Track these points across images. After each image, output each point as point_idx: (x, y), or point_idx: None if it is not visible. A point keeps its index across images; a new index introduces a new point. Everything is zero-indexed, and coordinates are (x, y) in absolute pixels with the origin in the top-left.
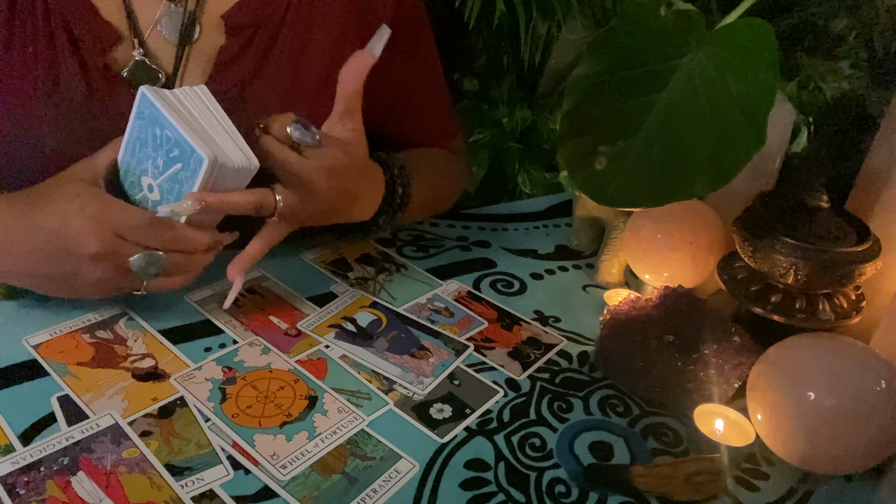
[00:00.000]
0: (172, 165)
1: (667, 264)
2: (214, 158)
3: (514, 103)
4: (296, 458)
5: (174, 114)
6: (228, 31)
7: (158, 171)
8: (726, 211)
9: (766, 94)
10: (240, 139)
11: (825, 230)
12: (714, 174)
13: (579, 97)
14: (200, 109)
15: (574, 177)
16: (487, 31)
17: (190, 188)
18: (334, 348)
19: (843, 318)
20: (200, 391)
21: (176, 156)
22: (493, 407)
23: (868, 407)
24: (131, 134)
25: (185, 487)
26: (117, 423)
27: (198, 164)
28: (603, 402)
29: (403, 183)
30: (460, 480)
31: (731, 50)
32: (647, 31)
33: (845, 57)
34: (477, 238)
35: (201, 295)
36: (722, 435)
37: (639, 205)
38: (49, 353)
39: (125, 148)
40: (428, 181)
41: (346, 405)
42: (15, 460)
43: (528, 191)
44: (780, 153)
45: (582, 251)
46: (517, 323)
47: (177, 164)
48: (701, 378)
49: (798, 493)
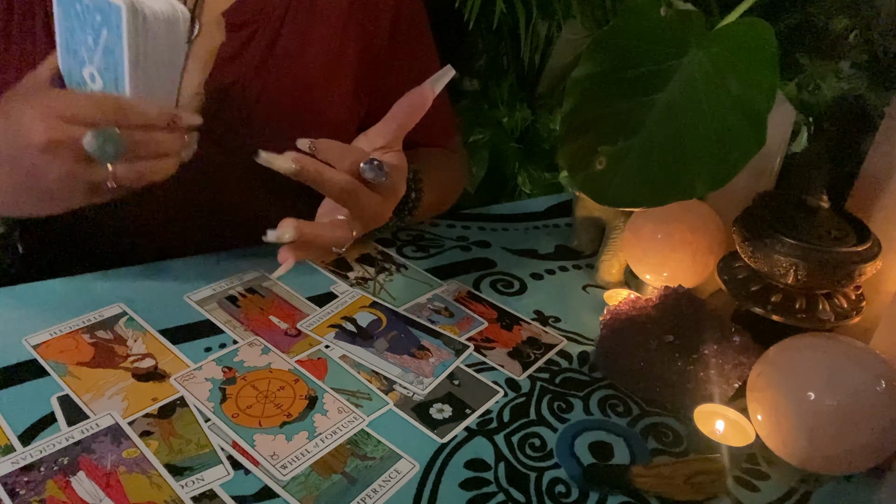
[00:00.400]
0: (100, 34)
1: (667, 264)
2: (131, 4)
3: (514, 103)
4: (296, 458)
5: None
6: (229, 28)
7: (91, 52)
8: (726, 211)
9: (766, 94)
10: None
11: (825, 230)
12: (714, 174)
13: (579, 97)
14: None
15: (574, 177)
16: (487, 31)
17: (121, 53)
18: (334, 348)
19: (843, 318)
20: (200, 391)
21: (99, 21)
22: (493, 407)
23: (868, 407)
24: (58, 25)
25: (185, 487)
26: (117, 423)
27: (118, 17)
28: (603, 402)
29: (417, 188)
30: (460, 480)
31: (731, 50)
32: (647, 31)
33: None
34: (477, 238)
35: (201, 295)
36: (722, 435)
37: (639, 205)
38: (49, 353)
39: (59, 46)
40: (435, 183)
41: (346, 405)
42: (15, 460)
43: (528, 191)
44: (780, 153)
45: (582, 251)
46: (517, 323)
47: (102, 29)
48: (701, 378)
49: (798, 493)
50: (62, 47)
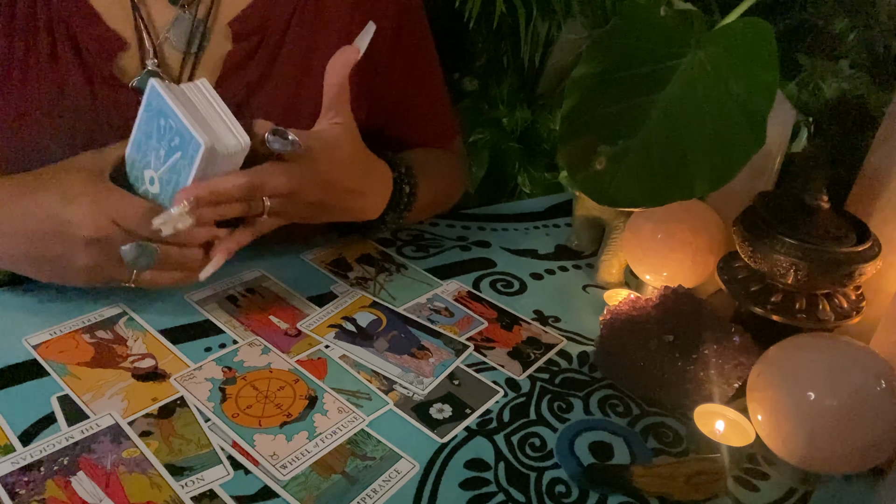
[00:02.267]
0: (173, 155)
1: (667, 264)
2: (211, 145)
3: (514, 103)
4: (296, 458)
5: (178, 104)
6: (235, 37)
7: (160, 162)
8: (726, 211)
9: (766, 94)
10: (234, 122)
11: (825, 230)
12: (714, 174)
13: (579, 97)
14: (201, 100)
15: (574, 177)
16: (487, 31)
17: (187, 176)
18: (334, 348)
19: (843, 318)
20: (200, 391)
21: (176, 144)
22: (493, 407)
23: (868, 407)
24: (139, 127)
25: (185, 487)
26: (117, 423)
27: (195, 151)
28: (603, 402)
29: (410, 182)
30: (460, 480)
31: (731, 50)
32: (647, 31)
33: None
34: (477, 238)
35: (201, 295)
36: (722, 435)
37: (639, 205)
38: (49, 353)
39: (133, 142)
40: (431, 182)
41: (346, 405)
42: (15, 460)
43: (528, 191)
44: (780, 153)
45: (582, 251)
46: (517, 323)
47: (176, 153)
48: (701, 378)
49: (798, 493)
50: (134, 143)
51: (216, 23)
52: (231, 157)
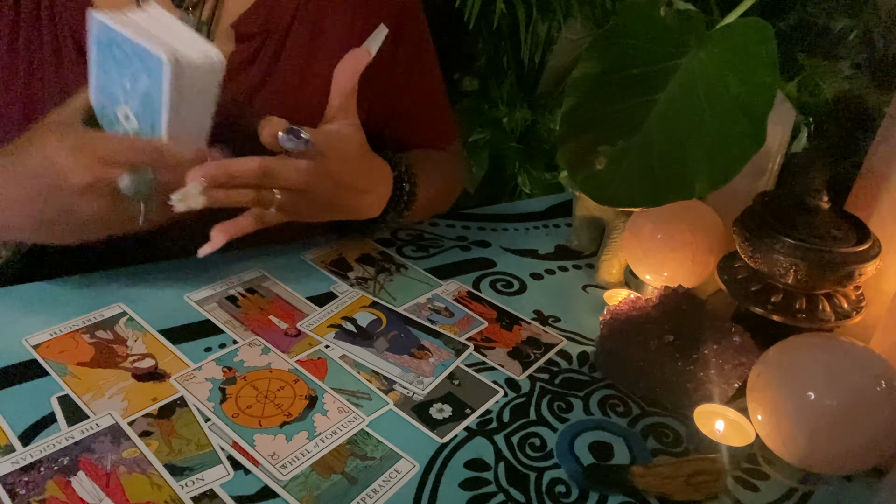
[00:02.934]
0: (139, 80)
1: (667, 264)
2: (175, 59)
3: (514, 103)
4: (296, 458)
5: (127, 28)
6: (238, 39)
7: (128, 94)
8: (726, 211)
9: (766, 94)
10: (197, 38)
11: (825, 230)
12: (714, 174)
13: (579, 97)
14: (153, 22)
15: (574, 177)
16: (487, 31)
17: (160, 100)
18: (334, 348)
19: (843, 318)
20: (200, 391)
21: (139, 68)
22: (493, 407)
23: (868, 407)
24: (96, 67)
25: (185, 487)
26: (117, 423)
27: (159, 68)
28: (603, 402)
29: (410, 181)
30: (460, 480)
31: (731, 50)
32: (647, 31)
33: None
34: (477, 238)
35: (201, 295)
36: (722, 435)
37: (639, 205)
38: (49, 353)
39: (94, 86)
40: (431, 181)
41: (346, 405)
42: (15, 460)
43: (528, 191)
44: (780, 153)
45: (582, 251)
46: (517, 323)
47: (141, 77)
48: (701, 378)
49: (798, 493)
50: (96, 86)
51: (219, 24)
52: (206, 73)
